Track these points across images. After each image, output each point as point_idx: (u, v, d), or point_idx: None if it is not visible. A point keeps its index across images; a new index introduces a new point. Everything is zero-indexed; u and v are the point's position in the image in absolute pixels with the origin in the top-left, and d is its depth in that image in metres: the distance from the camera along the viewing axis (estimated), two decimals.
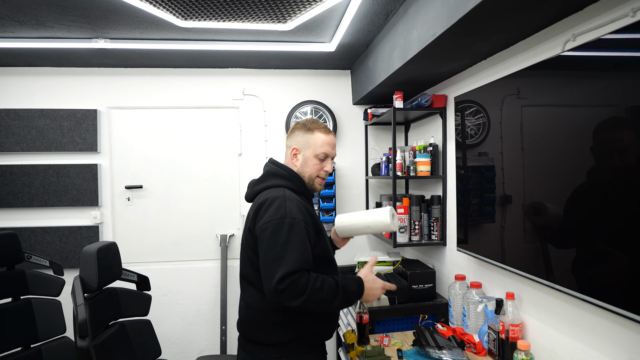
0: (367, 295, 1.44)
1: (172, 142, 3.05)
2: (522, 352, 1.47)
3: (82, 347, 1.39)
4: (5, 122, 2.85)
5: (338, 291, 1.34)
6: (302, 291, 1.27)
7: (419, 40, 1.74)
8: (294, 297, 1.26)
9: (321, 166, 1.53)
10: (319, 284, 1.30)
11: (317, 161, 1.52)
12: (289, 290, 1.26)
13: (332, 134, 1.56)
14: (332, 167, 1.56)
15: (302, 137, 1.52)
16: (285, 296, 1.26)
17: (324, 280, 1.33)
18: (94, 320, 1.57)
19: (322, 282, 1.32)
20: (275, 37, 2.41)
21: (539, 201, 1.47)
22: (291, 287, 1.26)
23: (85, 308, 1.48)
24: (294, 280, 1.26)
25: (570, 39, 1.35)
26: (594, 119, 1.21)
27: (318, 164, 1.52)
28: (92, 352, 1.41)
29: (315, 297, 1.29)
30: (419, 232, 2.44)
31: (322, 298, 1.30)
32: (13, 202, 2.86)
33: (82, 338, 1.40)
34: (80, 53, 2.61)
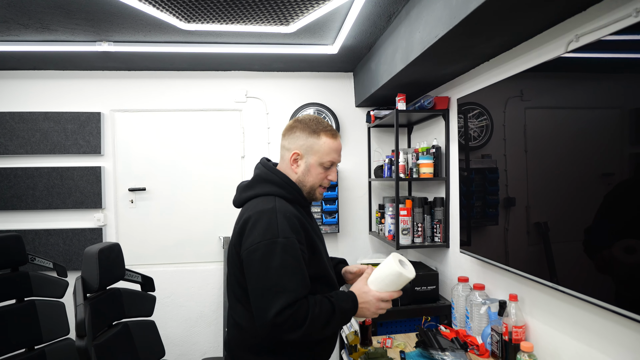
0: (361, 310, 1.24)
1: (175, 145, 3.06)
2: (525, 353, 1.46)
3: (80, 346, 1.39)
4: (10, 125, 2.87)
5: (334, 313, 1.16)
6: (302, 322, 1.11)
7: (421, 42, 1.75)
8: (293, 330, 1.10)
9: (325, 174, 1.33)
10: (318, 310, 1.14)
11: (322, 170, 1.31)
12: (288, 323, 1.09)
13: (339, 137, 1.35)
14: (336, 175, 1.37)
15: (305, 141, 1.30)
16: (283, 330, 1.10)
17: (320, 303, 1.16)
18: (95, 320, 1.57)
19: (320, 307, 1.15)
20: (277, 39, 2.42)
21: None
22: (290, 319, 1.09)
23: (84, 308, 1.49)
24: (294, 312, 1.10)
25: (573, 39, 1.35)
26: (597, 121, 1.21)
27: (322, 172, 1.32)
28: (90, 351, 1.41)
29: (315, 326, 1.13)
30: (421, 234, 2.44)
31: (321, 325, 1.14)
32: (17, 204, 2.88)
33: (80, 338, 1.41)
34: (84, 56, 2.63)
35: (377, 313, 1.27)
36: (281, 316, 1.08)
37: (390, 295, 1.26)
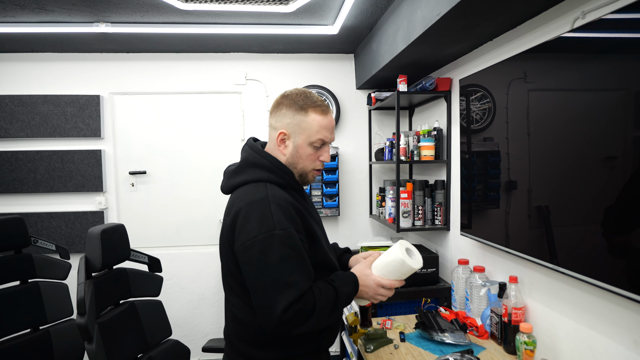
0: (360, 293, 1.20)
1: (175, 128, 3.04)
2: (524, 334, 1.47)
3: (80, 324, 1.41)
4: (10, 108, 2.86)
5: (338, 298, 1.12)
6: (310, 314, 1.06)
7: (423, 21, 1.71)
8: (302, 324, 1.06)
9: (317, 155, 1.22)
10: (324, 299, 1.08)
11: (312, 150, 1.20)
12: (295, 319, 1.04)
13: (330, 112, 1.22)
14: (329, 155, 1.26)
15: (291, 119, 1.19)
16: (291, 325, 1.04)
17: (325, 291, 1.10)
18: (100, 298, 1.59)
19: (326, 295, 1.10)
20: (277, 19, 2.38)
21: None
22: (298, 314, 1.04)
23: (86, 287, 1.50)
24: (300, 306, 1.04)
25: (580, 16, 1.31)
26: (601, 104, 1.18)
27: (313, 153, 1.21)
28: (91, 329, 1.43)
29: (323, 315, 1.08)
30: (422, 217, 2.43)
31: (327, 313, 1.10)
32: (19, 187, 2.89)
33: (81, 315, 1.43)
34: (82, 38, 2.59)
35: (376, 299, 1.22)
36: (288, 313, 1.02)
37: (390, 284, 1.20)
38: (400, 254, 1.20)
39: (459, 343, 1.66)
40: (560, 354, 1.48)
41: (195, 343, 2.99)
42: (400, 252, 1.20)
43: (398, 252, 1.20)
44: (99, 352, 1.45)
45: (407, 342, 1.73)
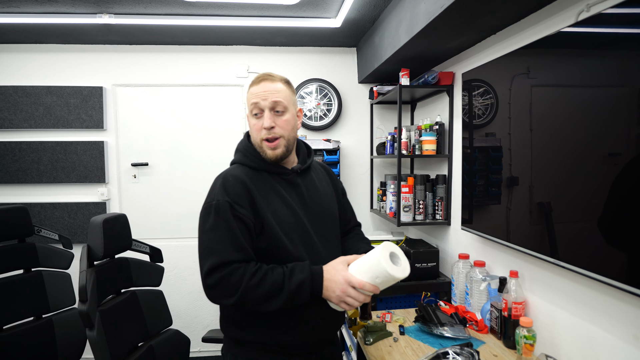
0: (326, 289, 1.10)
1: (177, 120, 3.05)
2: (524, 328, 1.48)
3: (82, 310, 1.43)
4: (14, 98, 2.87)
5: (283, 286, 1.07)
6: (235, 289, 1.06)
7: (426, 13, 1.70)
8: (226, 295, 1.08)
9: (260, 124, 1.19)
10: (257, 281, 1.07)
11: (254, 120, 1.21)
12: (220, 287, 1.07)
13: (266, 79, 1.21)
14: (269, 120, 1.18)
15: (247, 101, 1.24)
16: (216, 293, 1.09)
17: (265, 274, 1.09)
18: (101, 286, 1.61)
19: (263, 277, 1.08)
20: (279, 11, 2.37)
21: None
22: (222, 283, 1.07)
23: (87, 274, 1.52)
24: (224, 275, 1.07)
25: (584, 9, 1.30)
26: (604, 100, 1.17)
27: (256, 122, 1.20)
28: (92, 316, 1.44)
29: (251, 297, 1.07)
30: (423, 212, 2.43)
31: (259, 297, 1.07)
32: (23, 178, 2.91)
33: (82, 302, 1.44)
34: (85, 29, 2.59)
35: (344, 300, 1.09)
36: (210, 278, 1.08)
37: (361, 283, 1.06)
38: (382, 258, 1.05)
39: (459, 337, 1.67)
40: (560, 348, 1.48)
41: (196, 334, 3.01)
42: (381, 256, 1.05)
43: (379, 256, 1.05)
44: (100, 339, 1.46)
45: (406, 335, 1.74)
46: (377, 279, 1.05)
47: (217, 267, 1.08)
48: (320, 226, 1.26)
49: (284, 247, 1.15)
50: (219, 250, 1.09)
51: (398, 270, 1.06)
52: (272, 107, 1.19)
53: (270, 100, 1.18)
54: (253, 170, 1.22)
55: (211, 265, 1.08)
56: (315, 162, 1.42)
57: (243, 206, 1.13)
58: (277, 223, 1.16)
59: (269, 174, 1.23)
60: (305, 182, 1.29)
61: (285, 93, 1.22)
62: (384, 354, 1.58)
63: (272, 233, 1.15)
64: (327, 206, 1.32)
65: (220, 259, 1.08)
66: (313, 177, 1.34)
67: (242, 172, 1.20)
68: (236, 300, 1.07)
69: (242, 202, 1.13)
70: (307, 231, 1.22)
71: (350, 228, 1.47)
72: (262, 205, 1.15)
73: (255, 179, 1.19)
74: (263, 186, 1.19)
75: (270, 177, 1.23)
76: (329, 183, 1.40)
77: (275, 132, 1.19)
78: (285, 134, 1.21)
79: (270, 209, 1.16)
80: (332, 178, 1.44)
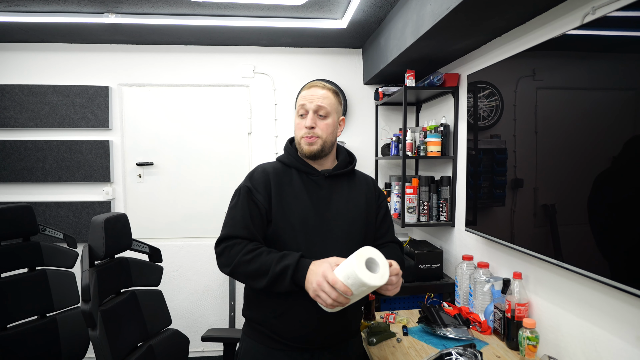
0: (308, 278, 1.13)
1: (183, 120, 3.06)
2: (527, 330, 1.48)
3: (85, 310, 1.43)
4: (19, 97, 2.89)
5: (268, 271, 1.15)
6: (231, 260, 1.20)
7: (432, 15, 1.70)
8: (224, 265, 1.23)
9: (302, 123, 1.32)
10: (249, 258, 1.18)
11: (298, 119, 1.35)
12: (222, 256, 1.23)
13: (317, 86, 1.34)
14: (313, 121, 1.31)
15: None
16: (219, 261, 1.24)
17: (260, 254, 1.18)
18: (102, 286, 1.61)
19: (257, 256, 1.18)
20: (286, 12, 2.38)
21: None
22: (224, 253, 1.22)
23: (90, 274, 1.52)
24: (227, 247, 1.22)
25: (590, 12, 1.30)
26: (610, 103, 1.17)
27: (299, 122, 1.34)
28: (95, 316, 1.45)
29: (241, 270, 1.19)
30: (427, 213, 2.43)
31: (247, 273, 1.18)
32: (28, 177, 2.92)
33: (85, 302, 1.45)
34: (92, 29, 2.61)
35: (318, 294, 1.09)
36: (218, 246, 1.24)
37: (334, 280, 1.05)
38: (355, 260, 1.04)
39: (462, 338, 1.67)
40: (563, 350, 1.48)
41: (199, 334, 3.00)
42: (355, 257, 1.05)
43: (353, 258, 1.05)
44: (102, 338, 1.47)
45: (409, 336, 1.74)
46: (349, 279, 1.04)
47: (225, 239, 1.24)
48: (332, 228, 1.29)
49: (284, 237, 1.26)
50: (231, 225, 1.24)
51: (370, 276, 1.04)
52: (316, 110, 1.31)
53: (316, 103, 1.30)
54: (284, 166, 1.36)
55: (221, 236, 1.25)
56: (361, 174, 1.50)
57: (260, 193, 1.27)
58: (286, 215, 1.27)
59: (298, 171, 1.35)
60: (332, 186, 1.35)
61: (331, 100, 1.33)
62: (387, 354, 1.58)
63: (277, 222, 1.26)
64: (348, 211, 1.34)
65: (228, 232, 1.23)
66: (345, 184, 1.39)
67: (273, 166, 1.35)
68: (230, 270, 1.20)
69: (260, 189, 1.28)
70: (315, 229, 1.28)
71: (384, 242, 1.43)
72: (276, 198, 1.28)
73: (282, 174, 1.33)
74: (285, 181, 1.32)
75: (297, 175, 1.34)
76: (366, 195, 1.41)
77: (315, 132, 1.31)
78: (324, 136, 1.32)
79: (284, 201, 1.28)
80: (372, 191, 1.45)
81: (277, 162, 1.39)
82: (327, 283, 1.07)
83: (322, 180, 1.35)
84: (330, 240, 1.28)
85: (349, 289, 1.05)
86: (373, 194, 1.45)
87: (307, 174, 1.35)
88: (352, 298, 1.09)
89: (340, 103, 1.39)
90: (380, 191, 1.49)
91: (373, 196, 1.44)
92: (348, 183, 1.40)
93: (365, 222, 1.37)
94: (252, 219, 1.25)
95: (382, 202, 1.47)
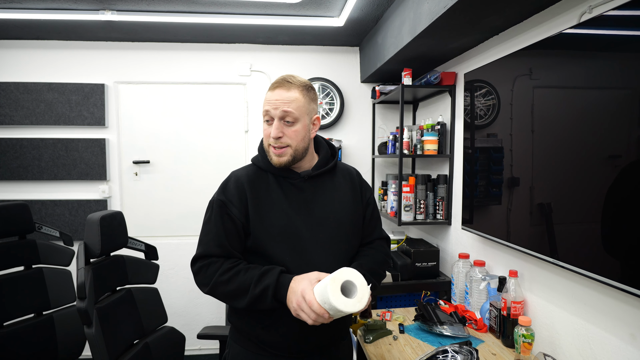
0: (289, 297, 1.08)
1: (179, 118, 3.05)
2: (522, 327, 1.48)
3: (80, 308, 1.44)
4: (15, 95, 2.87)
5: (247, 292, 1.10)
6: (208, 280, 1.14)
7: (429, 13, 1.70)
8: (202, 284, 1.17)
9: (269, 131, 1.19)
10: (226, 278, 1.12)
11: (265, 125, 1.21)
12: (199, 275, 1.17)
13: (282, 86, 1.18)
14: (279, 130, 1.17)
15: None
16: (197, 279, 1.19)
17: (237, 273, 1.13)
18: (98, 284, 1.61)
19: (234, 275, 1.12)
20: (283, 10, 2.37)
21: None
22: (200, 273, 1.17)
23: (85, 272, 1.52)
24: (203, 266, 1.16)
25: (586, 11, 1.31)
26: (606, 102, 1.18)
27: (266, 128, 1.21)
28: (91, 313, 1.45)
29: (220, 291, 1.14)
30: (424, 211, 2.44)
31: (226, 294, 1.14)
32: (23, 174, 2.91)
33: (81, 299, 1.45)
34: (88, 26, 2.60)
35: (298, 313, 1.05)
36: (194, 266, 1.19)
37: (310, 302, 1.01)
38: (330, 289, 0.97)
39: (458, 335, 1.68)
40: (558, 347, 1.49)
41: (196, 332, 3.00)
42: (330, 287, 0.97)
43: (328, 287, 0.98)
44: (98, 336, 1.47)
45: (406, 334, 1.74)
46: (325, 304, 0.99)
47: (200, 257, 1.19)
48: (319, 233, 1.21)
49: (265, 249, 1.17)
50: (205, 242, 1.19)
51: (344, 302, 0.97)
52: (282, 116, 1.17)
53: (281, 109, 1.16)
54: (260, 171, 1.26)
55: (196, 255, 1.20)
56: (343, 166, 1.38)
57: (235, 205, 1.19)
58: (265, 226, 1.17)
59: (274, 176, 1.24)
60: (315, 187, 1.25)
61: (299, 103, 1.18)
62: (384, 352, 1.59)
63: (256, 234, 1.17)
64: (334, 213, 1.25)
65: (202, 251, 1.19)
66: (328, 182, 1.29)
67: (247, 173, 1.25)
68: (208, 290, 1.16)
69: (235, 201, 1.19)
70: (298, 236, 1.18)
71: (371, 240, 1.38)
72: (254, 208, 1.19)
73: (257, 181, 1.23)
74: (261, 188, 1.22)
75: (275, 179, 1.24)
76: (350, 190, 1.32)
77: (282, 141, 1.18)
78: (294, 144, 1.19)
79: (262, 211, 1.19)
80: (357, 185, 1.35)
81: (251, 166, 1.28)
82: (306, 304, 1.02)
83: (301, 183, 1.24)
84: (316, 248, 1.20)
85: (326, 312, 1.00)
86: (358, 189, 1.34)
87: (284, 178, 1.24)
88: (334, 316, 1.03)
89: (314, 99, 1.24)
90: (365, 184, 1.39)
91: (358, 192, 1.34)
92: (331, 181, 1.30)
93: (352, 223, 1.28)
94: (227, 235, 1.17)
95: (369, 197, 1.38)
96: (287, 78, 1.21)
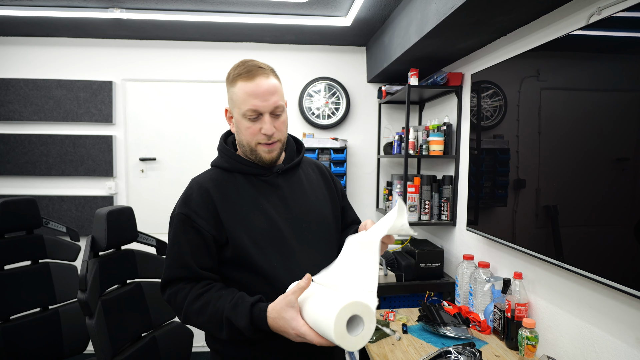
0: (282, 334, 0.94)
1: (186, 116, 3.07)
2: (527, 329, 1.48)
3: (80, 299, 1.46)
4: (24, 91, 2.90)
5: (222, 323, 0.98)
6: (179, 309, 1.04)
7: (437, 13, 1.70)
8: (176, 312, 1.06)
9: (256, 128, 1.06)
10: (196, 308, 1.00)
11: (249, 122, 1.06)
12: (170, 304, 1.07)
13: (259, 75, 1.04)
14: (270, 126, 1.06)
15: (228, 93, 1.10)
16: (171, 307, 1.08)
17: (208, 302, 1.00)
18: (105, 276, 1.65)
19: (204, 305, 1.00)
20: (290, 9, 2.38)
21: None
22: (170, 301, 1.06)
23: (89, 265, 1.55)
24: (171, 294, 1.05)
25: (595, 12, 1.30)
26: (613, 105, 1.17)
27: (251, 126, 1.06)
28: (91, 304, 1.48)
29: (194, 322, 1.03)
30: (429, 212, 2.44)
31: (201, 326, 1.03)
32: (32, 170, 2.94)
33: (82, 291, 1.48)
34: (97, 23, 2.62)
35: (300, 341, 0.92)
36: (164, 293, 1.08)
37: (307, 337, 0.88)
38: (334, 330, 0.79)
39: (461, 337, 1.67)
40: (563, 350, 1.49)
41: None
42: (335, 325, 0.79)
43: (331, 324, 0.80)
44: (99, 328, 1.49)
45: (409, 334, 1.74)
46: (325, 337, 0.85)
47: (166, 284, 1.07)
48: (303, 230, 1.13)
49: (250, 256, 1.04)
50: (168, 266, 1.07)
51: (348, 339, 0.81)
52: (273, 110, 1.06)
53: (272, 103, 1.05)
54: (226, 173, 1.13)
55: (162, 280, 1.08)
56: (307, 160, 1.29)
57: (202, 217, 1.05)
58: (245, 231, 1.05)
59: (244, 175, 1.12)
60: (289, 182, 1.16)
61: (280, 90, 1.09)
62: (387, 352, 1.59)
63: (236, 242, 1.04)
64: (315, 208, 1.17)
65: (167, 276, 1.07)
66: (301, 176, 1.20)
67: (212, 177, 1.12)
68: (183, 320, 1.06)
69: (201, 212, 1.05)
70: (282, 237, 1.09)
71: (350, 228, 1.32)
72: (227, 214, 1.06)
73: (225, 184, 1.10)
74: (230, 191, 1.09)
75: (244, 179, 1.12)
76: (323, 183, 1.25)
77: (275, 137, 1.08)
78: (283, 137, 1.12)
79: (238, 216, 1.06)
80: (327, 178, 1.28)
81: (214, 170, 1.15)
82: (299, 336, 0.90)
83: (275, 179, 1.14)
84: (303, 247, 1.11)
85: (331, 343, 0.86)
86: (329, 179, 1.28)
87: (255, 176, 1.13)
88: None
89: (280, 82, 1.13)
90: (332, 174, 1.32)
91: (332, 183, 1.28)
92: (302, 173, 1.21)
93: (333, 216, 1.22)
94: (193, 254, 1.04)
95: (340, 188, 1.31)
96: (256, 63, 1.08)
